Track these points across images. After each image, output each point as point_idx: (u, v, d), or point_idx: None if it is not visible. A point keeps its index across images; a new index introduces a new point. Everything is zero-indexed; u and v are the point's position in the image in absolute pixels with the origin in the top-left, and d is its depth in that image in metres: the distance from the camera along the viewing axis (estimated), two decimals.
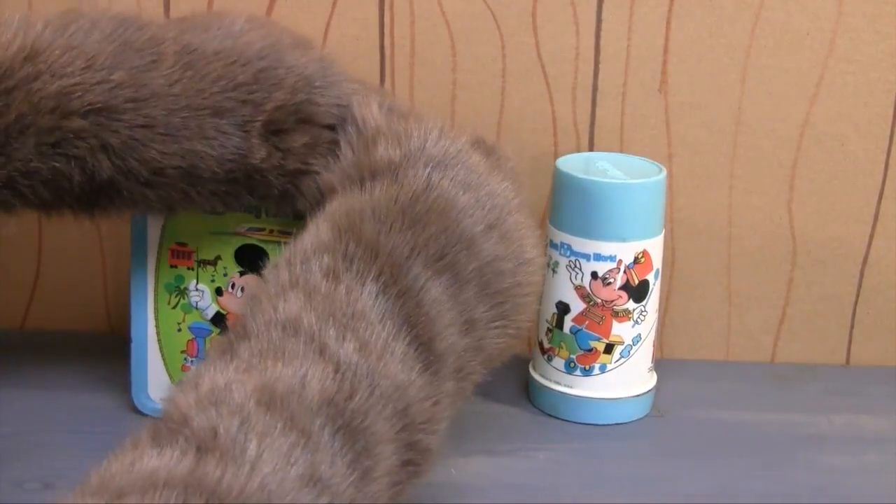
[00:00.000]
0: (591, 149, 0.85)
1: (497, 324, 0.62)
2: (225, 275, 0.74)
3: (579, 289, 0.77)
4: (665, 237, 0.80)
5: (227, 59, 0.67)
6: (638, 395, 0.80)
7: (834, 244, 0.87)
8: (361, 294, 0.56)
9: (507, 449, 0.76)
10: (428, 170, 0.61)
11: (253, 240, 0.73)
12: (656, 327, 0.80)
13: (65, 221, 0.85)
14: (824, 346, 0.90)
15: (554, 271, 0.78)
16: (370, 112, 0.66)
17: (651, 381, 0.81)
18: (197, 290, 0.74)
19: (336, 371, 0.52)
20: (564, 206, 0.77)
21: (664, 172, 0.78)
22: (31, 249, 0.89)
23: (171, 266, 0.74)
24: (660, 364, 0.84)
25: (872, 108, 0.84)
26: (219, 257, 0.74)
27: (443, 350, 0.58)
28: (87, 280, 0.90)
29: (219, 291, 0.74)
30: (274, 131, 0.68)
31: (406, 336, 0.56)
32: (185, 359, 0.76)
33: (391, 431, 0.54)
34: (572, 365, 0.79)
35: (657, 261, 0.78)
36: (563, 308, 0.78)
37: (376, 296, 0.56)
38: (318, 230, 0.60)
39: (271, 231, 0.73)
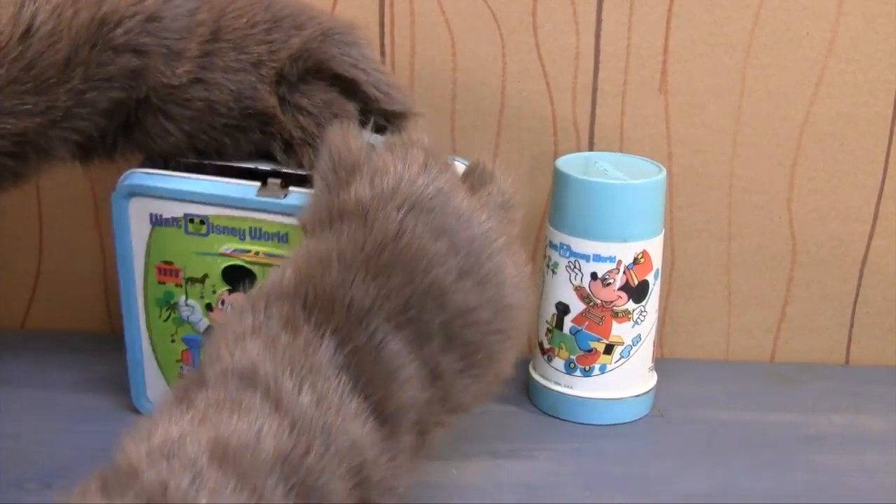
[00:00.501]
0: (591, 149, 0.86)
1: (470, 373, 0.59)
2: (213, 292, 0.73)
3: (579, 289, 0.77)
4: (665, 237, 0.80)
5: None
6: (638, 395, 0.80)
7: (834, 244, 0.87)
8: (319, 347, 0.54)
9: (507, 449, 0.76)
10: (401, 214, 0.57)
11: (239, 261, 0.72)
12: (656, 327, 0.80)
13: (66, 219, 0.86)
14: (824, 345, 0.90)
15: (553, 272, 0.78)
16: (347, 144, 0.62)
17: (651, 381, 0.81)
18: (187, 305, 0.74)
19: (292, 426, 0.51)
20: (564, 206, 0.77)
21: (664, 172, 0.78)
22: (31, 249, 0.89)
23: (160, 283, 0.74)
24: (660, 364, 0.84)
25: (872, 108, 0.84)
26: (206, 275, 0.73)
27: (400, 405, 0.56)
28: (87, 280, 0.90)
29: (209, 307, 0.74)
30: (287, 84, 0.70)
31: (362, 392, 0.55)
32: (182, 367, 0.75)
33: (346, 490, 0.52)
34: (572, 365, 0.79)
35: (657, 261, 0.78)
36: (563, 309, 0.78)
37: (334, 350, 0.55)
38: (282, 274, 0.58)
39: (257, 253, 0.72)
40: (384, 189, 0.58)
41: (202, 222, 0.71)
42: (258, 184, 0.71)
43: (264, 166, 0.72)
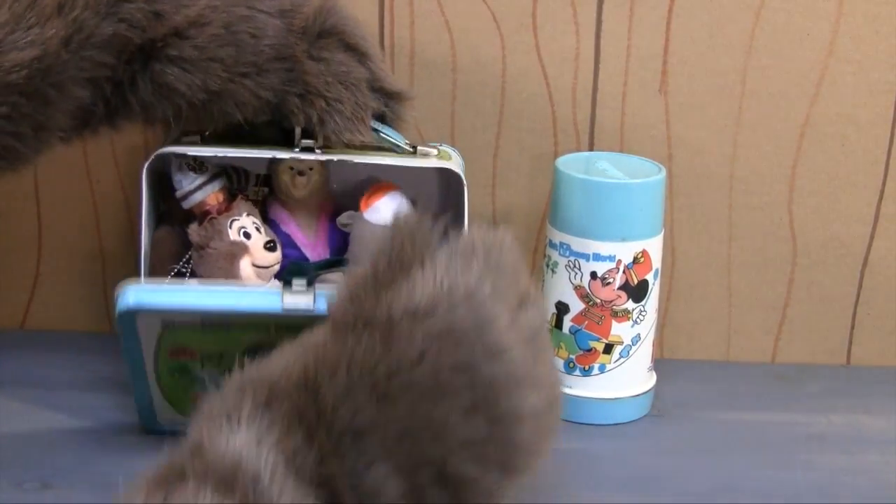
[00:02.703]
0: (591, 149, 0.86)
1: None
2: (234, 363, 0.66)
3: (578, 289, 0.77)
4: (665, 237, 0.80)
5: None
6: (637, 395, 0.80)
7: (834, 245, 0.87)
8: (306, 458, 0.52)
9: None
10: (427, 343, 0.53)
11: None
12: (656, 327, 0.80)
13: (66, 219, 0.85)
14: (824, 346, 0.90)
15: (553, 271, 0.78)
16: (412, 238, 0.57)
17: (651, 380, 0.81)
18: (203, 371, 0.72)
19: None
20: (564, 206, 0.77)
21: (664, 172, 0.78)
22: (31, 249, 0.89)
23: (172, 359, 0.71)
24: (660, 364, 0.84)
25: (872, 108, 0.84)
26: (224, 352, 0.70)
27: None
28: (87, 280, 0.90)
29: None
30: (311, 35, 0.71)
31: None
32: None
33: None
34: (572, 365, 0.79)
35: (656, 261, 0.78)
36: (563, 308, 0.78)
37: (318, 463, 0.53)
38: (293, 363, 0.55)
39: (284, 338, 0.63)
40: (419, 308, 0.54)
41: (222, 324, 0.69)
42: (279, 286, 0.66)
43: (282, 155, 0.72)
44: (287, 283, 0.66)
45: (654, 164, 0.80)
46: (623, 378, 0.79)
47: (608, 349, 0.78)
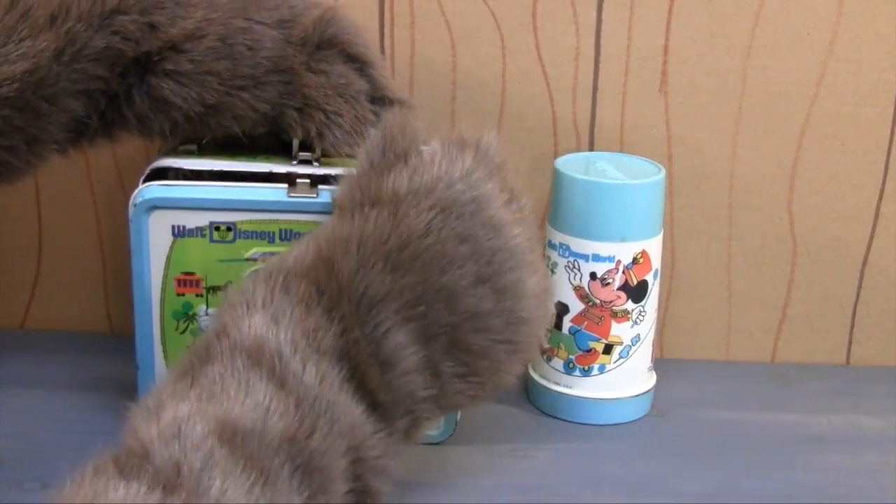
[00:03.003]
0: (591, 149, 0.85)
1: (470, 378, 0.60)
2: None
3: (578, 289, 0.77)
4: (665, 237, 0.80)
5: None
6: (637, 395, 0.80)
7: (834, 244, 0.87)
8: (327, 331, 0.56)
9: (507, 449, 0.76)
10: (430, 214, 0.59)
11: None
12: (656, 327, 0.80)
13: (66, 219, 0.85)
14: (824, 346, 0.90)
15: (553, 272, 0.78)
16: (402, 129, 0.63)
17: (650, 381, 0.81)
18: (207, 314, 0.73)
19: (297, 405, 0.52)
20: (563, 206, 0.77)
21: (663, 172, 0.78)
22: (31, 249, 0.89)
23: (178, 294, 0.72)
24: (660, 364, 0.84)
25: (873, 108, 0.84)
26: (230, 283, 0.71)
27: (396, 397, 0.58)
28: (87, 280, 0.90)
29: None
30: (310, 46, 0.71)
31: (359, 379, 0.57)
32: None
33: (344, 468, 0.54)
34: (571, 365, 0.79)
35: (656, 261, 0.78)
36: (562, 308, 0.78)
37: (339, 335, 0.56)
38: (305, 251, 0.59)
39: None
40: (421, 186, 0.60)
41: (229, 229, 0.70)
42: (286, 186, 0.70)
43: (279, 169, 0.72)
44: (291, 183, 0.70)
45: (654, 164, 0.80)
46: (623, 378, 0.79)
47: (608, 349, 0.78)
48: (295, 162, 0.72)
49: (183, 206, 0.69)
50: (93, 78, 0.68)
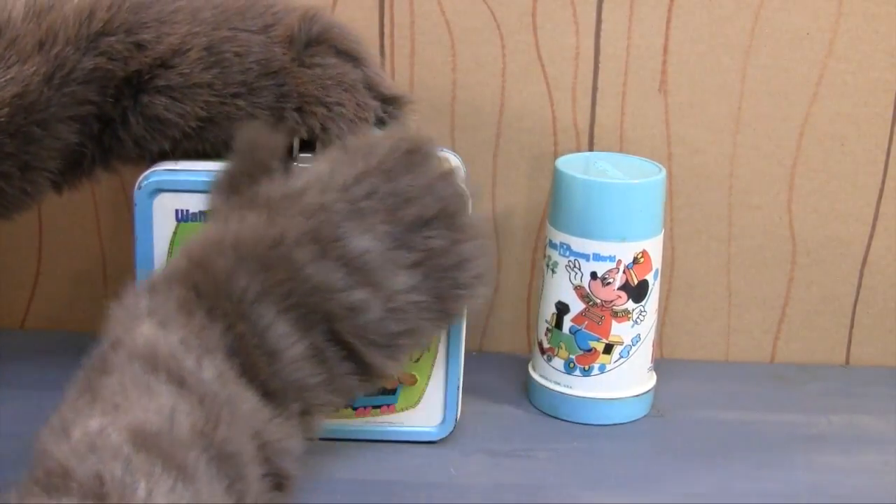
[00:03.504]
0: (591, 149, 0.86)
1: (355, 364, 0.63)
2: None
3: (578, 289, 0.77)
4: (665, 237, 0.80)
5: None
6: (637, 395, 0.80)
7: (834, 244, 0.87)
8: (211, 330, 0.58)
9: (507, 449, 0.76)
10: (299, 221, 0.62)
11: None
12: (656, 327, 0.80)
13: (66, 219, 0.85)
14: (824, 346, 0.90)
15: (553, 271, 0.78)
16: (266, 140, 0.67)
17: (651, 381, 0.81)
18: None
19: (201, 401, 0.54)
20: (564, 206, 0.77)
21: (664, 172, 0.78)
22: (31, 249, 0.89)
23: None
24: (660, 364, 0.84)
25: (872, 108, 0.84)
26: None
27: (286, 383, 0.60)
28: (87, 280, 0.90)
29: None
30: (299, 44, 0.70)
31: (249, 371, 0.58)
32: None
33: (254, 453, 0.56)
34: (572, 365, 0.79)
35: (656, 261, 0.78)
36: (563, 308, 0.78)
37: (223, 333, 0.58)
38: (179, 258, 0.62)
39: None
40: (291, 191, 0.63)
41: None
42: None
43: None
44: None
45: (654, 164, 0.80)
46: (623, 378, 0.79)
47: (608, 349, 0.78)
48: (296, 164, 0.72)
49: (187, 189, 0.70)
50: (84, 102, 0.68)
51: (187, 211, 0.71)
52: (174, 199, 0.70)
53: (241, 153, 0.66)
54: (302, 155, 0.73)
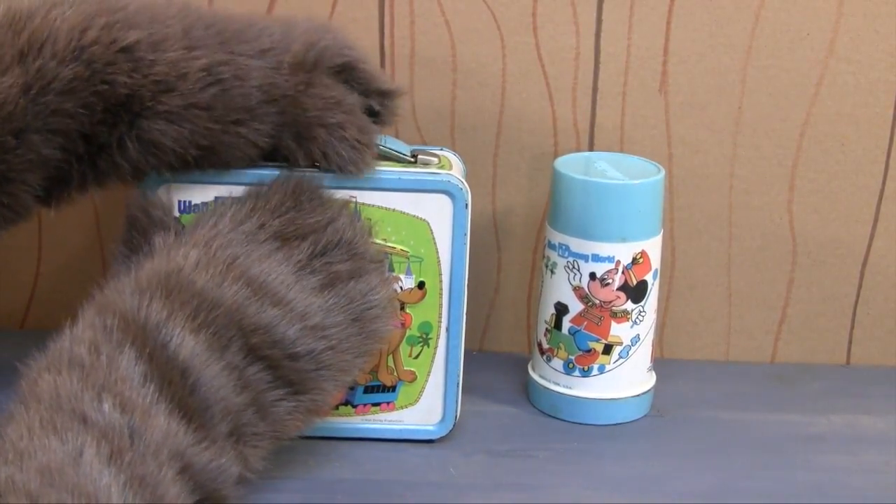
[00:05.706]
0: (590, 149, 0.86)
1: (281, 391, 0.64)
2: None
3: (578, 289, 0.77)
4: (665, 237, 0.80)
5: (250, 20, 0.72)
6: (637, 396, 0.80)
7: (834, 244, 0.87)
8: (121, 361, 0.59)
9: (507, 449, 0.76)
10: (194, 251, 0.65)
11: None
12: (656, 327, 0.80)
13: (66, 220, 0.85)
14: (824, 346, 0.90)
15: (552, 272, 0.78)
16: (156, 203, 0.70)
17: (650, 381, 0.81)
18: None
19: (103, 435, 0.55)
20: (563, 206, 0.77)
21: (663, 172, 0.78)
22: (31, 249, 0.89)
23: None
24: (660, 364, 0.84)
25: (872, 108, 0.84)
26: None
27: (207, 402, 0.60)
28: (87, 280, 0.90)
29: None
30: (304, 70, 0.70)
31: (166, 391, 0.59)
32: None
33: (173, 477, 0.56)
34: (571, 366, 0.79)
35: (656, 261, 0.78)
36: (562, 309, 0.78)
37: (135, 360, 0.59)
38: (83, 316, 0.64)
39: None
40: (186, 230, 0.68)
41: None
42: (285, 164, 0.71)
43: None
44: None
45: (654, 164, 0.80)
46: (623, 378, 0.79)
47: (607, 350, 0.78)
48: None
49: (191, 181, 0.71)
50: (62, 114, 0.67)
51: (190, 202, 0.71)
52: (177, 190, 0.71)
53: (134, 217, 0.70)
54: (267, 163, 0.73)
